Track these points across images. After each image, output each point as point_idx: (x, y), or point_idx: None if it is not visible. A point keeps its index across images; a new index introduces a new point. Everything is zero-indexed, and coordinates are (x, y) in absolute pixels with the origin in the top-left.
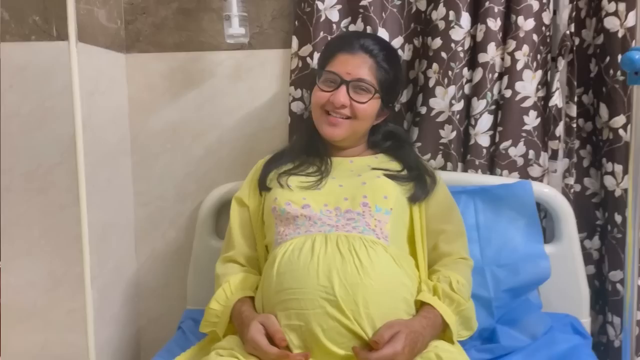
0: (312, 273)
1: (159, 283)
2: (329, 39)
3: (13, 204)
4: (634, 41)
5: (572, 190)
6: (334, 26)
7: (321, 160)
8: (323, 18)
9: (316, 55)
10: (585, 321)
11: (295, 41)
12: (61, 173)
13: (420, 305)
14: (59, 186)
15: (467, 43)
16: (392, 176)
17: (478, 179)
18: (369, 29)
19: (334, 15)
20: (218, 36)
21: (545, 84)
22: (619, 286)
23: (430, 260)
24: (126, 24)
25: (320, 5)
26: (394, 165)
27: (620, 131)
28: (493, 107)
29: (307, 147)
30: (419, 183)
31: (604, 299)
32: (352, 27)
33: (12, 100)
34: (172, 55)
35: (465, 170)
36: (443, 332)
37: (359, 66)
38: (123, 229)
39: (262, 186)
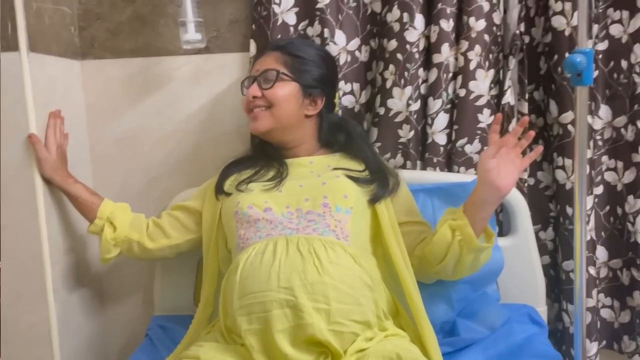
0: (274, 276)
1: (125, 291)
2: None
3: None
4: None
5: (526, 184)
6: (291, 29)
7: (279, 163)
8: (280, 21)
9: None
10: (542, 309)
11: (253, 45)
12: (18, 186)
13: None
14: (16, 200)
15: (422, 44)
16: (353, 178)
17: (436, 176)
18: (326, 32)
19: (291, 19)
20: (175, 41)
21: (498, 82)
22: (572, 275)
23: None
24: (80, 30)
25: (276, 8)
26: (354, 165)
27: (569, 127)
28: (449, 106)
29: (263, 153)
30: (379, 184)
31: (559, 287)
32: (309, 30)
33: None
34: (128, 61)
35: (423, 168)
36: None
37: (265, 61)
38: (85, 238)
39: (219, 190)
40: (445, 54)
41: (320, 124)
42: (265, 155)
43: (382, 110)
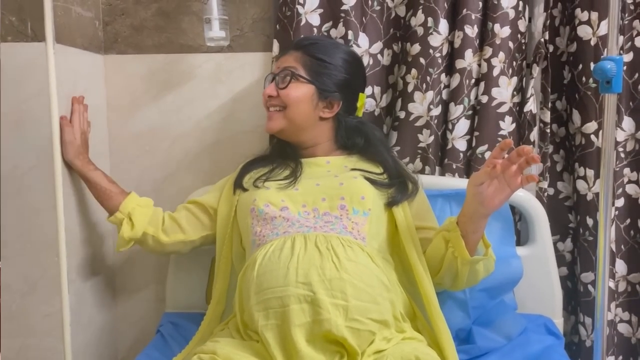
0: (292, 271)
1: (137, 286)
2: None
3: None
4: (605, 50)
5: (545, 194)
6: (315, 30)
7: (295, 162)
8: (304, 22)
9: None
10: (558, 321)
11: (276, 45)
12: (37, 176)
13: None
14: (34, 189)
15: (445, 49)
16: (371, 180)
17: (455, 182)
18: (350, 34)
19: (315, 20)
20: (198, 38)
21: (520, 90)
22: (590, 287)
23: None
24: (104, 25)
25: (300, 9)
26: (371, 167)
27: (592, 137)
28: (470, 112)
29: (280, 151)
30: (398, 188)
31: (576, 299)
32: (333, 32)
33: None
34: (151, 57)
35: (442, 173)
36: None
37: (286, 60)
38: (101, 231)
39: (238, 184)
40: (469, 60)
41: (337, 126)
42: (282, 154)
43: (402, 114)
